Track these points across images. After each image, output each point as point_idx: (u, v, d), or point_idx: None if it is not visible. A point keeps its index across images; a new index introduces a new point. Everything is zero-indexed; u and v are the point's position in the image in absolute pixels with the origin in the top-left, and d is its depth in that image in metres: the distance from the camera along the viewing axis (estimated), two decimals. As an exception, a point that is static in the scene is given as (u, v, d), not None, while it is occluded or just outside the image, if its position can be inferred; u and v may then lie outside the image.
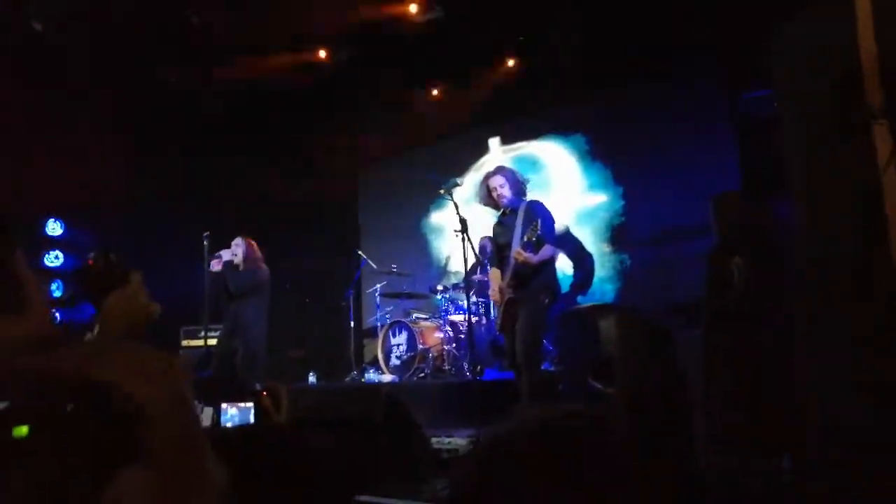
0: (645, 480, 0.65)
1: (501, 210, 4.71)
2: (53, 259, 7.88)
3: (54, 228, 7.95)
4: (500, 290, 4.56)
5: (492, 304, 6.01)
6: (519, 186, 4.66)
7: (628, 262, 6.94)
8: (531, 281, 4.42)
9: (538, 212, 4.50)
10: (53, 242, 7.92)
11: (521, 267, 4.35)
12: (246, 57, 7.24)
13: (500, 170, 4.77)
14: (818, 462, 2.36)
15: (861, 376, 2.24)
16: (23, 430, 0.48)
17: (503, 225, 4.71)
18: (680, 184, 6.40)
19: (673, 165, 6.59)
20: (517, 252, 4.29)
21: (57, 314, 7.71)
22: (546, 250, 4.40)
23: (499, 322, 4.61)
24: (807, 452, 2.39)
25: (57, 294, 7.79)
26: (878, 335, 2.18)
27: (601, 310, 3.64)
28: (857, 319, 2.27)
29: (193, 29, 6.75)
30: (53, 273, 7.81)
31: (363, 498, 3.08)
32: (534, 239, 4.22)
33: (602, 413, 0.70)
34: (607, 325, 2.93)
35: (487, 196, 4.69)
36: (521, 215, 4.51)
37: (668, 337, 2.99)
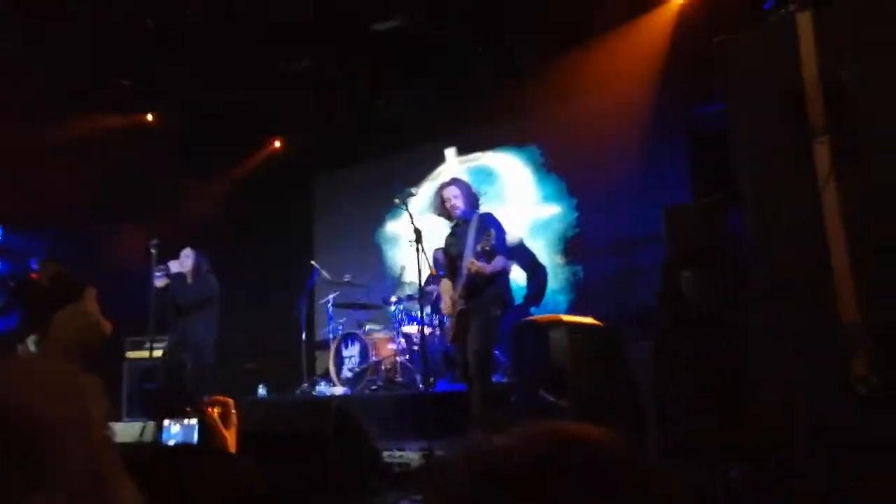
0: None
1: (454, 221, 4.72)
2: (-11, 267, 7.54)
3: (-9, 235, 7.62)
4: (452, 301, 4.55)
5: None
6: (472, 198, 4.71)
7: (581, 274, 6.99)
8: (483, 292, 4.42)
9: (491, 223, 4.52)
10: (-10, 249, 7.59)
11: (474, 277, 4.35)
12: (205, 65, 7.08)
13: (454, 181, 4.82)
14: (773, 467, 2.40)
15: (815, 376, 2.30)
16: None
17: (455, 236, 4.73)
18: (634, 195, 6.49)
19: (627, 177, 6.67)
20: (470, 262, 4.30)
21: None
22: (498, 261, 4.42)
23: (451, 333, 4.59)
24: (768, 459, 2.42)
25: (-8, 303, 7.46)
26: (827, 338, 2.24)
27: (551, 321, 3.64)
28: (809, 326, 2.34)
29: (148, 32, 6.56)
30: (-11, 281, 7.48)
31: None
32: (487, 249, 4.23)
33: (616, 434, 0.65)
34: (558, 336, 2.91)
35: (441, 206, 4.72)
36: (474, 226, 4.54)
37: (620, 346, 3.00)
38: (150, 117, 7.88)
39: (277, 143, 8.80)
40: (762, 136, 2.63)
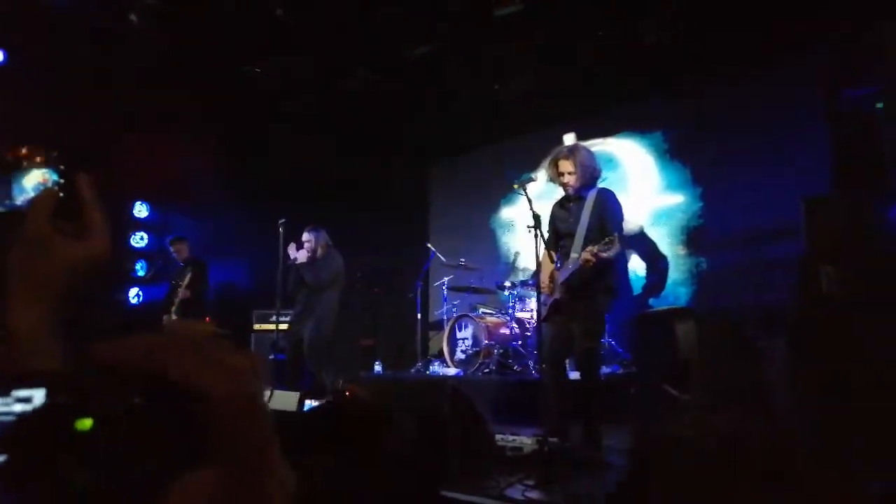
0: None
1: (567, 194, 4.39)
2: (139, 240, 8.22)
3: (141, 211, 8.30)
4: (551, 285, 4.26)
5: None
6: (591, 174, 4.31)
7: (704, 266, 6.71)
8: (592, 283, 4.11)
9: (609, 203, 4.19)
10: (139, 224, 8.28)
11: (584, 268, 4.03)
12: (325, 51, 7.33)
13: (572, 151, 4.37)
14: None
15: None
16: (86, 424, 0.43)
17: (567, 211, 4.39)
18: (765, 184, 6.15)
19: (757, 166, 6.33)
20: (585, 255, 3.94)
21: (140, 292, 8.07)
22: (613, 248, 3.95)
23: (544, 314, 4.23)
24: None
25: (141, 273, 8.14)
26: None
27: (678, 313, 3.48)
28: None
29: (277, 22, 6.88)
30: (138, 253, 8.17)
31: (449, 494, 3.06)
32: (605, 248, 3.87)
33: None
34: (685, 330, 2.80)
35: (556, 177, 4.40)
36: (590, 205, 4.22)
37: (750, 342, 2.86)
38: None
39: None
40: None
